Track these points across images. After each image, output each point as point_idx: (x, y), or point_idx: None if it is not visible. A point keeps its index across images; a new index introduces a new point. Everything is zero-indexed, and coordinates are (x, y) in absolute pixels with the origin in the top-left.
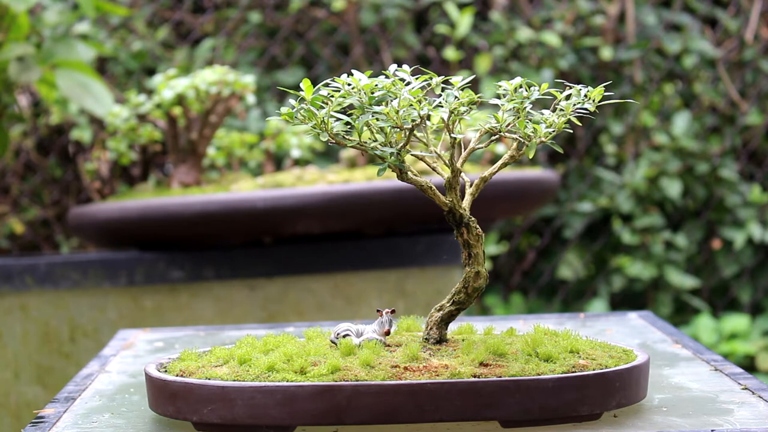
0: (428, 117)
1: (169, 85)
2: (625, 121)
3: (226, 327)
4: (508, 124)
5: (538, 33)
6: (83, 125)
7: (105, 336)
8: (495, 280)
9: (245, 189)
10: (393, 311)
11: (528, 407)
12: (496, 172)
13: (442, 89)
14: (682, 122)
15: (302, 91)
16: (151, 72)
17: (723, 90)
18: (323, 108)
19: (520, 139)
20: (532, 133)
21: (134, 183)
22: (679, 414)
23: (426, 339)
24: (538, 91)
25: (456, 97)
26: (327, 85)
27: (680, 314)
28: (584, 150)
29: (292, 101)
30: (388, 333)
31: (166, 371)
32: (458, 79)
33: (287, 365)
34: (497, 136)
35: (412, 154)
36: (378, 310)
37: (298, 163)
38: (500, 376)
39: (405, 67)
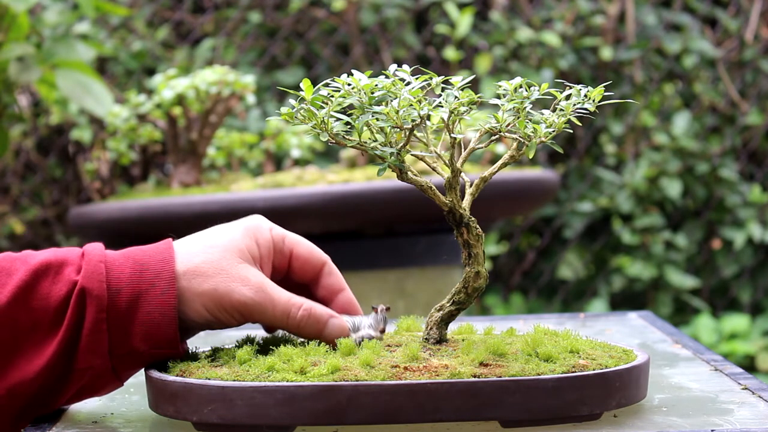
0: (428, 117)
1: (169, 85)
2: (625, 121)
3: None
4: (508, 124)
5: (538, 33)
6: (83, 125)
7: None
8: (495, 280)
9: (245, 189)
10: (388, 308)
11: (528, 407)
12: (496, 172)
13: (442, 89)
14: (682, 122)
15: (302, 91)
16: (151, 72)
17: (723, 90)
18: (323, 108)
19: (520, 139)
20: (532, 133)
21: (134, 183)
22: (679, 414)
23: (426, 339)
24: (538, 91)
25: (456, 97)
26: (327, 85)
27: (680, 314)
28: (584, 150)
29: (292, 101)
30: (383, 331)
31: (166, 371)
32: (458, 79)
33: (287, 365)
34: (497, 136)
35: (412, 154)
36: (373, 307)
37: (298, 163)
38: (500, 376)
39: (405, 67)
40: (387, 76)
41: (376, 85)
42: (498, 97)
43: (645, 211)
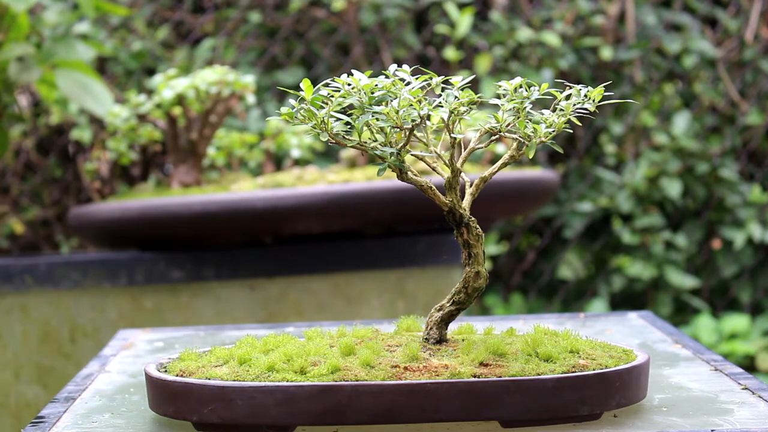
0: (428, 117)
1: (169, 85)
2: (625, 121)
3: (226, 327)
4: (508, 124)
5: (538, 33)
6: (83, 125)
7: (105, 336)
8: (495, 280)
9: (245, 189)
10: None
11: (528, 407)
12: (496, 172)
13: (442, 89)
14: (682, 122)
15: (302, 91)
16: (151, 72)
17: (723, 90)
18: (323, 108)
19: (520, 139)
20: (532, 133)
21: (134, 183)
22: (679, 414)
23: (426, 339)
24: (538, 91)
25: (456, 97)
26: (327, 85)
27: (680, 314)
28: (584, 150)
29: (292, 101)
30: None
31: (166, 371)
32: (458, 79)
33: (287, 365)
34: (497, 136)
35: (412, 154)
36: None
37: (298, 163)
38: (500, 376)
39: (405, 67)
40: (387, 76)
41: (376, 85)
42: (498, 97)
43: (645, 211)
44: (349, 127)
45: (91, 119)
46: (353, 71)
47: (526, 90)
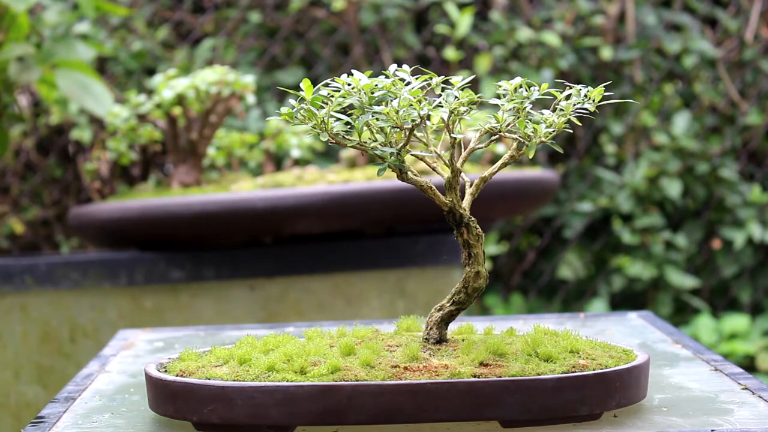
0: (428, 117)
1: (169, 85)
2: (625, 121)
3: (226, 327)
4: (508, 124)
5: (538, 33)
6: (83, 125)
7: (105, 336)
8: (495, 280)
9: (245, 189)
10: None
11: (528, 407)
12: (496, 172)
13: (442, 89)
14: (682, 122)
15: (302, 91)
16: (151, 72)
17: (723, 90)
18: (323, 108)
19: (520, 139)
20: (532, 133)
21: (134, 183)
22: (679, 414)
23: (426, 339)
24: (538, 91)
25: (456, 97)
26: (327, 85)
27: (680, 314)
28: (584, 150)
29: (292, 101)
30: None
31: (166, 371)
32: (458, 79)
33: (287, 365)
34: (497, 136)
35: (412, 154)
36: None
37: (298, 163)
38: (500, 376)
39: (405, 67)
40: (387, 76)
41: (376, 85)
42: (498, 97)
43: (645, 211)
44: (349, 127)
45: (91, 119)
46: (353, 71)
47: (526, 90)
